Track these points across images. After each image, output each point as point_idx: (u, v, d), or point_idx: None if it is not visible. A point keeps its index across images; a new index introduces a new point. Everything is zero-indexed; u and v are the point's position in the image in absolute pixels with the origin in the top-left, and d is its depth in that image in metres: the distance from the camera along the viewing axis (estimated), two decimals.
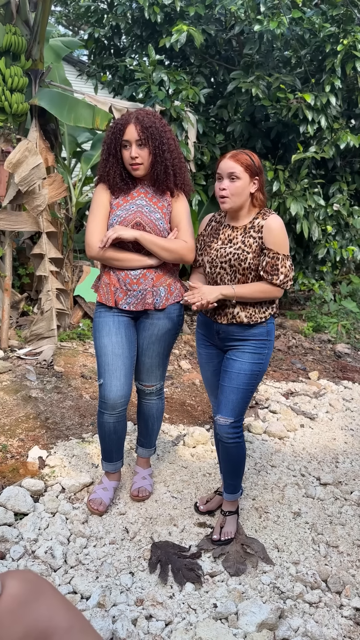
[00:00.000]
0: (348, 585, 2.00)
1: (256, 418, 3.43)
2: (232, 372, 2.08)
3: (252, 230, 2.03)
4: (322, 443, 3.17)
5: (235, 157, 1.98)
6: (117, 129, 2.12)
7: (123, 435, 2.36)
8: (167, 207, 2.20)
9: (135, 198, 2.18)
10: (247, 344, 2.07)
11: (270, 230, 1.99)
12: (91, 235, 2.15)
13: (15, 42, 4.01)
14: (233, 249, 2.03)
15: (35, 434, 2.97)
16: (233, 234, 2.06)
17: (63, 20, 12.06)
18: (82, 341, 4.55)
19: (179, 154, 2.20)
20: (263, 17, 4.43)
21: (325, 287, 5.69)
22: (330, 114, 4.77)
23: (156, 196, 2.20)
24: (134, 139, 2.08)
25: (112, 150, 2.14)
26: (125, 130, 2.09)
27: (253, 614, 1.78)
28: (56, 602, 0.74)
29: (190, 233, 2.20)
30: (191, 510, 2.42)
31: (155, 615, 1.81)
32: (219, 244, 2.08)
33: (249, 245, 2.01)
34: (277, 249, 1.98)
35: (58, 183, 4.26)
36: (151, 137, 2.09)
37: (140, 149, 2.10)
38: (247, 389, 2.08)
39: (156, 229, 2.15)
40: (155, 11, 4.84)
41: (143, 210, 2.16)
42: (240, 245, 2.02)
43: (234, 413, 2.10)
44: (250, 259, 2.00)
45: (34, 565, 1.98)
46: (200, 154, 5.22)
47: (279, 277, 1.98)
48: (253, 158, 2.01)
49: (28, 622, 0.70)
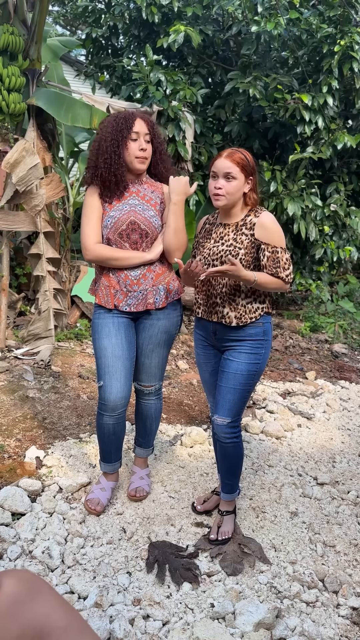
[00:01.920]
0: (345, 585, 2.01)
1: (253, 418, 3.43)
2: (229, 372, 2.08)
3: (244, 227, 2.03)
4: (319, 443, 3.18)
5: (232, 156, 1.99)
6: (123, 122, 2.10)
7: (122, 437, 2.36)
8: (159, 205, 2.22)
9: (127, 198, 2.18)
10: (244, 344, 2.07)
11: (264, 226, 2.00)
12: (87, 238, 2.15)
13: (13, 41, 4.01)
14: (225, 246, 2.04)
15: (33, 434, 2.97)
16: (225, 232, 2.08)
17: (60, 20, 12.05)
18: (79, 341, 4.54)
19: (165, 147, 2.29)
20: (260, 17, 4.44)
21: (323, 287, 5.70)
22: (327, 115, 4.78)
23: (148, 194, 2.21)
24: (144, 132, 2.12)
25: (116, 142, 2.10)
26: (135, 123, 2.10)
27: (250, 614, 1.78)
28: (53, 601, 0.74)
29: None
30: (188, 510, 2.42)
31: (153, 615, 1.81)
32: (212, 242, 2.10)
33: (241, 242, 2.02)
34: (274, 243, 1.99)
35: (55, 183, 4.26)
36: (156, 135, 2.16)
37: (147, 144, 2.14)
38: (244, 389, 2.09)
39: (151, 226, 2.16)
40: (153, 11, 4.84)
41: (136, 209, 2.16)
42: (232, 242, 2.03)
43: (231, 413, 2.10)
44: (242, 254, 2.00)
45: (31, 565, 1.98)
46: (198, 154, 5.23)
47: (282, 271, 1.98)
48: (248, 158, 2.02)
49: (24, 621, 0.69)
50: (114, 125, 2.12)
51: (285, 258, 2.00)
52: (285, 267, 1.99)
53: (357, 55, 4.50)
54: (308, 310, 5.75)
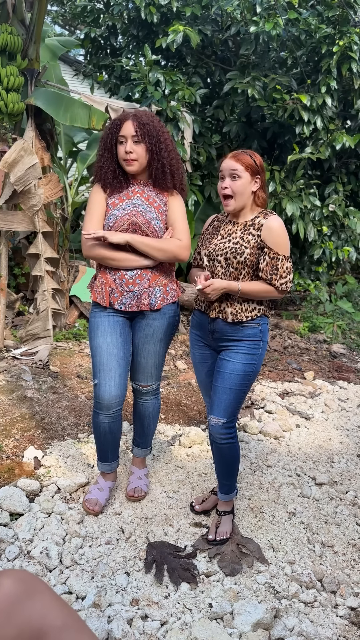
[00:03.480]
0: (343, 585, 2.01)
1: (252, 418, 3.43)
2: (224, 372, 2.08)
3: (252, 228, 2.04)
4: (317, 443, 3.18)
5: (236, 156, 2.03)
6: (114, 125, 2.15)
7: (118, 436, 2.36)
8: (163, 207, 2.20)
9: (131, 197, 2.19)
10: (240, 345, 2.07)
11: (271, 230, 2.00)
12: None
13: (11, 41, 4.00)
14: (231, 244, 2.05)
15: (31, 434, 2.97)
16: (233, 229, 2.09)
17: (59, 20, 12.03)
18: (77, 341, 4.54)
19: (176, 154, 2.22)
20: (259, 18, 4.44)
21: (321, 287, 5.71)
22: (326, 115, 4.79)
23: (152, 196, 2.20)
24: (130, 135, 2.11)
25: (108, 145, 2.17)
26: (122, 126, 2.12)
27: (248, 614, 1.78)
28: (50, 601, 0.74)
29: (186, 232, 2.21)
30: (187, 510, 2.42)
31: (151, 615, 1.81)
32: (219, 238, 2.12)
33: (247, 241, 2.02)
34: (277, 249, 1.99)
35: (54, 183, 4.26)
36: (148, 134, 2.12)
37: (135, 145, 2.12)
38: (239, 389, 2.08)
39: (152, 228, 2.15)
40: (152, 11, 4.84)
41: (139, 209, 2.16)
42: (239, 240, 2.04)
43: (226, 414, 2.10)
44: (246, 254, 2.00)
45: (30, 565, 1.98)
46: (197, 155, 5.23)
47: (277, 279, 1.99)
48: (254, 157, 2.04)
49: (22, 621, 0.69)
50: (108, 128, 2.17)
51: (285, 266, 2.00)
52: (283, 276, 1.99)
53: (356, 56, 4.51)
54: (306, 310, 5.75)
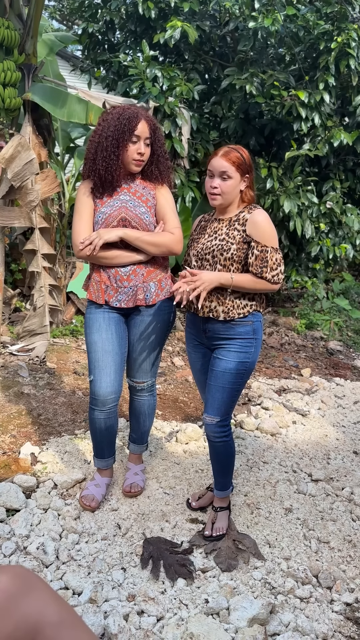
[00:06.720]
0: (339, 581, 2.02)
1: (248, 414, 3.44)
2: (218, 370, 2.08)
3: (236, 223, 2.03)
4: (314, 439, 3.19)
5: (227, 155, 1.99)
6: (126, 122, 2.06)
7: (114, 432, 2.36)
8: (151, 201, 2.21)
9: (119, 194, 2.18)
10: (233, 343, 2.06)
11: (256, 223, 1.99)
12: (78, 236, 2.14)
13: (8, 36, 3.98)
14: (217, 241, 2.04)
15: (28, 430, 2.97)
16: (219, 226, 2.08)
17: (57, 15, 11.98)
18: (74, 337, 4.54)
19: (165, 148, 2.26)
20: (257, 13, 4.43)
21: (318, 284, 5.71)
22: (324, 112, 4.78)
23: (139, 190, 2.20)
24: (145, 136, 2.10)
25: (116, 142, 2.07)
26: (137, 126, 2.07)
27: (244, 609, 1.79)
28: (47, 596, 0.74)
29: (177, 224, 2.21)
30: (183, 506, 2.42)
31: (147, 611, 1.81)
32: (206, 237, 2.10)
33: (233, 237, 2.01)
34: (264, 242, 1.97)
35: (51, 178, 4.24)
36: (157, 138, 2.16)
37: (146, 147, 2.13)
38: (233, 387, 2.08)
39: (142, 223, 2.15)
40: (150, 7, 4.82)
41: (127, 205, 2.15)
42: (225, 237, 2.03)
43: (220, 412, 2.10)
44: (233, 250, 1.99)
45: (26, 561, 1.98)
46: (194, 151, 5.21)
47: (268, 271, 1.97)
48: (244, 156, 2.02)
49: (18, 616, 0.69)
50: (117, 124, 2.07)
51: (275, 258, 1.98)
52: (273, 268, 1.97)
53: (354, 53, 4.50)
54: (303, 307, 5.76)
